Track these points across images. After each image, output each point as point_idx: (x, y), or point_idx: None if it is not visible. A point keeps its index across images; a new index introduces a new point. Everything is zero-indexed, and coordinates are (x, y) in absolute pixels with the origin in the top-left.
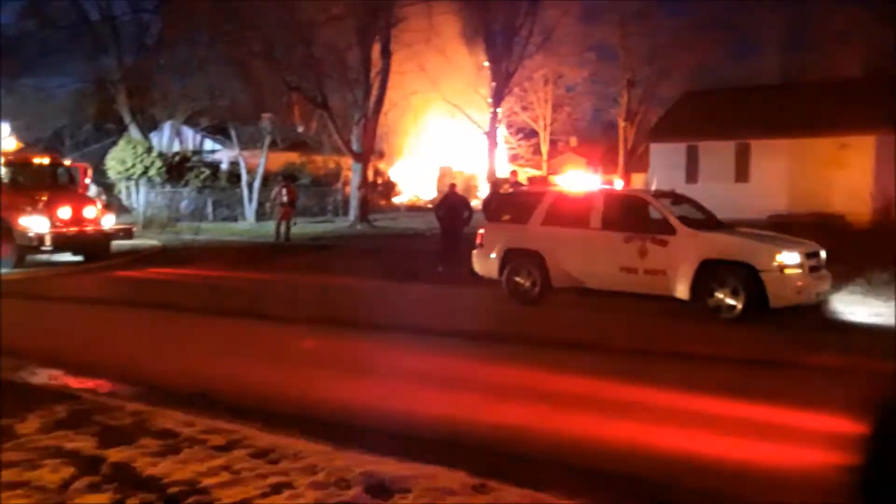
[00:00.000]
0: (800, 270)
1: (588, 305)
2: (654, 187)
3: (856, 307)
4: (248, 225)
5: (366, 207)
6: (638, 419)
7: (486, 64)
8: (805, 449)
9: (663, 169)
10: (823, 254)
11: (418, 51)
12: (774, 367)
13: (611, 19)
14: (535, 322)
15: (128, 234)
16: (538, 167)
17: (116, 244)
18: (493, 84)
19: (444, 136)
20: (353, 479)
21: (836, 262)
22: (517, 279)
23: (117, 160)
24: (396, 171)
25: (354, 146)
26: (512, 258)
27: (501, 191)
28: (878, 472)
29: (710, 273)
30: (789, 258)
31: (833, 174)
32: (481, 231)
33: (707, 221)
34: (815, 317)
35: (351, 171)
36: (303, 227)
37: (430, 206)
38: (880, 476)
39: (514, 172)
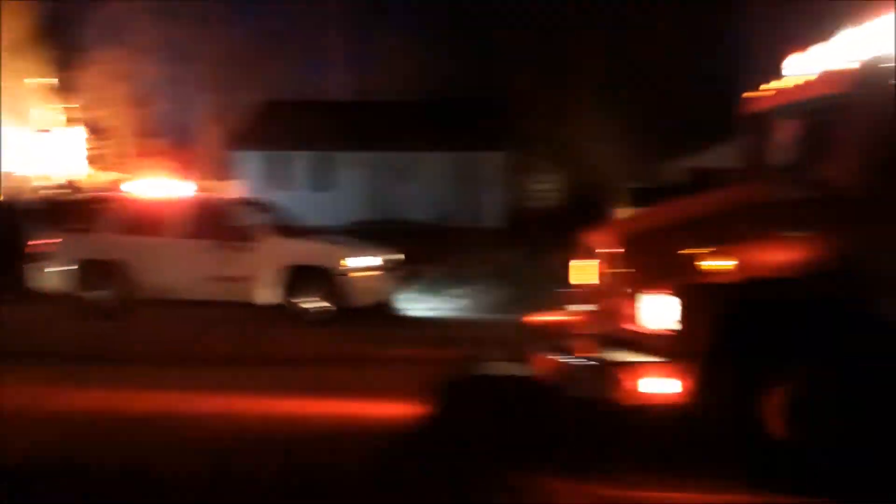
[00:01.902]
0: (372, 272)
1: (175, 317)
2: (239, 195)
3: (424, 303)
4: None
5: None
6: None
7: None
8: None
9: (250, 177)
10: (394, 256)
11: None
12: (353, 362)
13: (189, 20)
14: (115, 338)
15: None
16: (116, 169)
17: None
18: (57, 78)
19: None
20: None
21: (406, 264)
22: (93, 292)
23: None
24: None
25: None
26: (86, 270)
27: (68, 197)
28: (439, 439)
29: (293, 278)
30: (362, 261)
31: (405, 186)
32: (43, 241)
33: (290, 229)
34: (389, 314)
35: None
36: None
37: None
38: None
39: (80, 177)
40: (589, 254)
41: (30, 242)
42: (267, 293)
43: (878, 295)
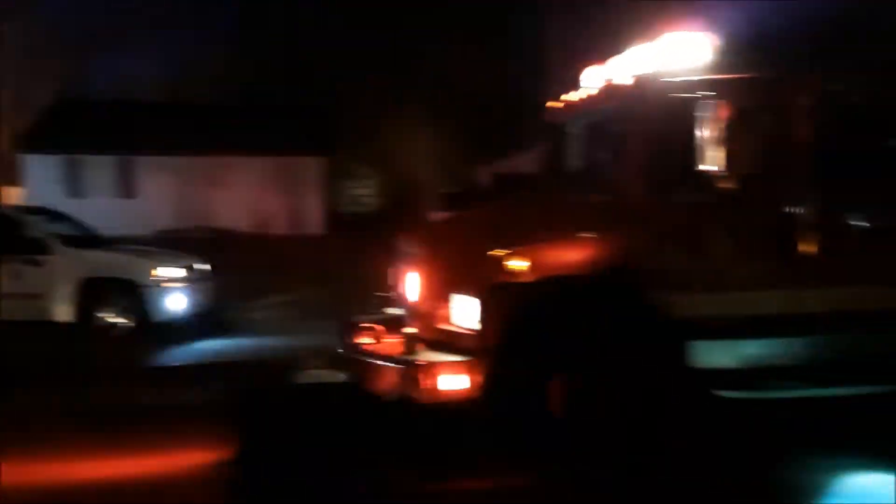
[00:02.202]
0: (181, 283)
1: None
2: (28, 202)
3: (238, 313)
4: None
5: None
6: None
7: None
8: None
9: (41, 182)
10: (205, 266)
11: None
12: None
13: None
14: None
15: None
16: None
17: None
18: None
19: None
20: None
21: (219, 273)
22: None
23: None
24: None
25: None
26: None
27: None
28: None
29: (92, 292)
30: (169, 272)
31: (218, 192)
32: None
33: (87, 238)
34: (200, 326)
35: None
36: None
37: None
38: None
39: None
40: (402, 257)
41: None
42: (64, 310)
43: (653, 289)
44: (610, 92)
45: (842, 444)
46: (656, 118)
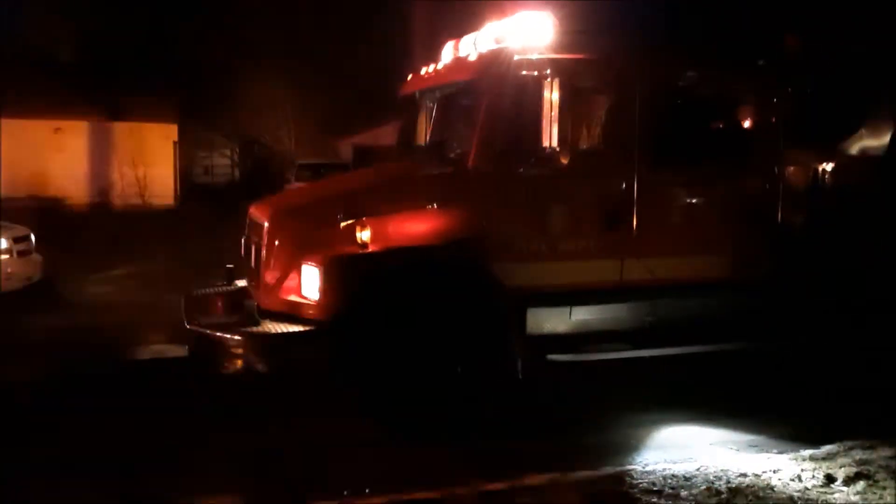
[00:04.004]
0: (7, 256)
1: None
2: None
3: (80, 286)
4: None
5: None
6: None
7: None
8: None
9: None
10: (32, 237)
11: None
12: None
13: None
14: None
15: None
16: None
17: None
18: None
19: None
20: None
21: (53, 245)
22: None
23: None
24: None
25: None
26: None
27: None
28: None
29: None
30: None
31: (50, 158)
32: None
33: None
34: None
35: None
36: None
37: None
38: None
39: None
40: (251, 228)
41: None
42: None
43: (494, 260)
44: (458, 66)
45: (660, 400)
46: (499, 92)
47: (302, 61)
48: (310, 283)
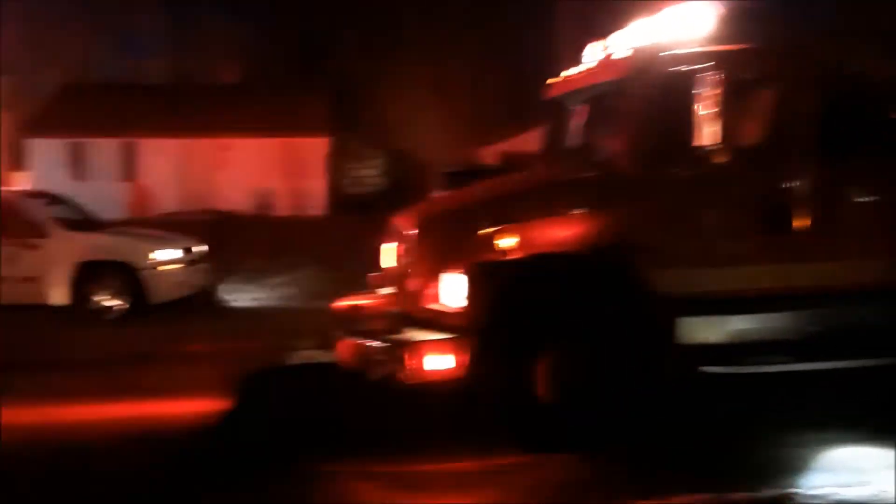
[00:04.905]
0: (177, 266)
1: None
2: (30, 186)
3: (238, 294)
4: None
5: None
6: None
7: None
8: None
9: (45, 166)
10: (202, 248)
11: None
12: (156, 360)
13: None
14: None
15: None
16: None
17: None
18: None
19: None
20: None
21: (220, 255)
22: None
23: None
24: None
25: None
26: None
27: None
28: (237, 434)
29: (88, 275)
30: (165, 254)
31: (217, 174)
32: None
33: (86, 222)
34: (200, 308)
35: None
36: None
37: None
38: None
39: None
40: (395, 236)
41: None
42: (60, 293)
43: (646, 267)
44: (608, 66)
45: (828, 418)
46: (652, 92)
47: (447, 70)
48: (453, 290)
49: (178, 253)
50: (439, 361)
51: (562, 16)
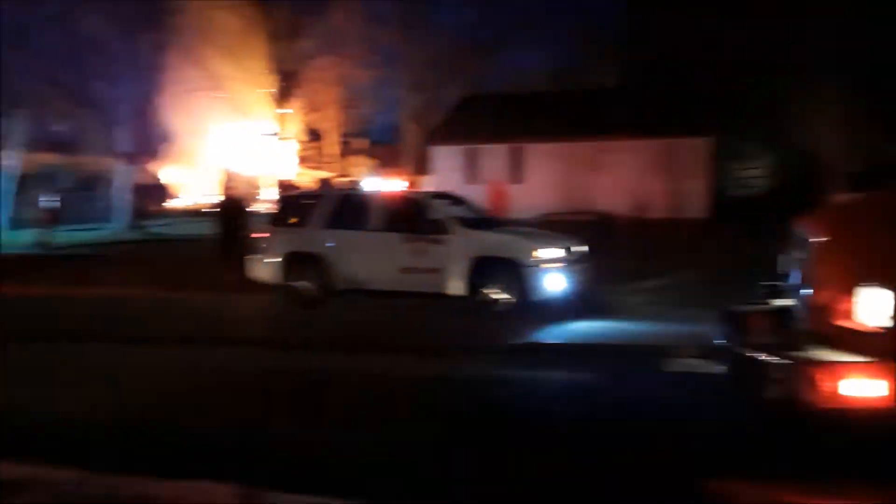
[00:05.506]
0: (558, 264)
1: (369, 307)
2: (433, 189)
3: (615, 296)
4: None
5: (138, 212)
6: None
7: (270, 65)
8: None
9: (444, 170)
10: (582, 248)
11: (196, 46)
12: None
13: (394, 23)
14: (316, 326)
15: None
16: (327, 169)
17: None
18: (279, 84)
19: (228, 136)
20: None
21: (596, 256)
22: (298, 283)
23: None
24: (173, 173)
25: (124, 146)
26: (292, 262)
27: (283, 193)
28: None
29: (481, 269)
30: (548, 253)
31: (596, 175)
32: (260, 235)
33: (480, 221)
34: (575, 307)
35: (120, 173)
36: (69, 235)
37: (208, 210)
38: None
39: (295, 175)
40: (799, 243)
41: (251, 236)
42: (456, 284)
43: None
44: None
45: None
46: None
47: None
48: (874, 307)
49: (559, 252)
50: (863, 387)
51: None
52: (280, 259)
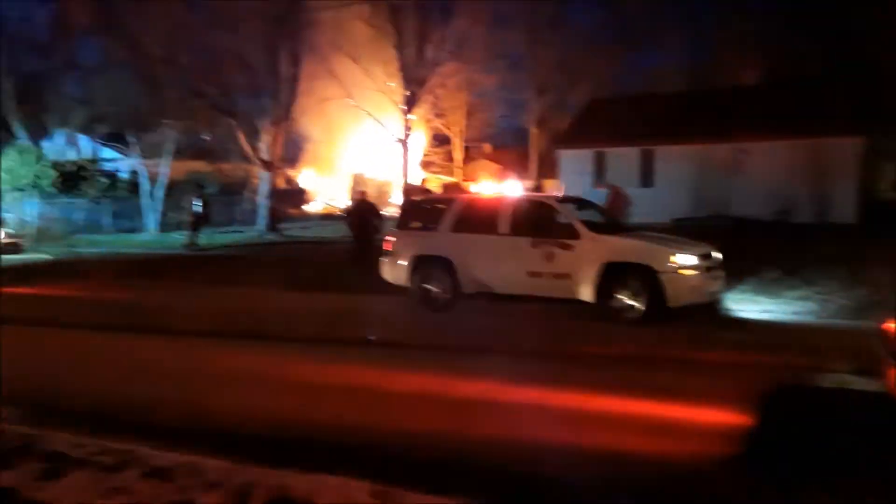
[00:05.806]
0: (695, 271)
1: (496, 310)
2: (562, 193)
3: (747, 305)
4: (150, 236)
5: (275, 216)
6: (545, 419)
7: (397, 72)
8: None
9: (572, 175)
10: (718, 255)
11: (329, 56)
12: (672, 364)
13: (520, 27)
14: (446, 328)
15: (16, 248)
16: (452, 174)
17: (4, 259)
18: (406, 91)
19: (357, 142)
20: (257, 493)
21: (731, 262)
22: (427, 286)
23: (4, 170)
24: (308, 178)
25: (263, 154)
26: (421, 265)
27: (413, 198)
28: (761, 455)
29: (612, 275)
30: (685, 259)
31: (733, 178)
32: (391, 238)
33: (609, 225)
34: (710, 315)
35: (259, 179)
36: (211, 237)
37: (341, 214)
38: (763, 458)
39: (424, 180)
40: None
41: (383, 239)
42: (585, 290)
43: None
44: None
45: None
46: None
47: None
48: None
49: (696, 259)
50: None
51: None
52: (408, 262)
